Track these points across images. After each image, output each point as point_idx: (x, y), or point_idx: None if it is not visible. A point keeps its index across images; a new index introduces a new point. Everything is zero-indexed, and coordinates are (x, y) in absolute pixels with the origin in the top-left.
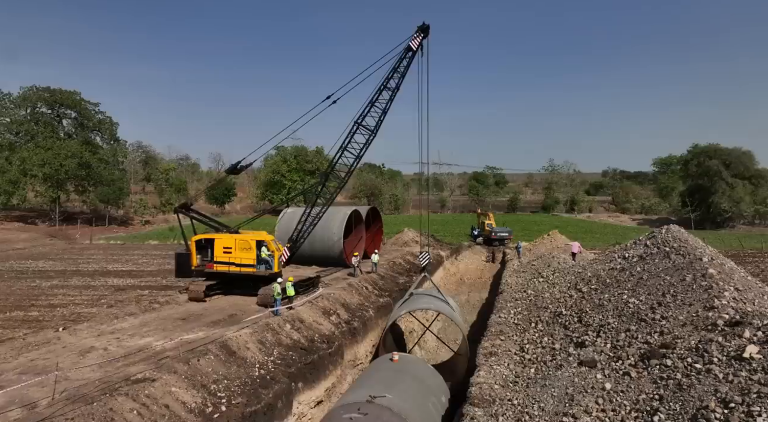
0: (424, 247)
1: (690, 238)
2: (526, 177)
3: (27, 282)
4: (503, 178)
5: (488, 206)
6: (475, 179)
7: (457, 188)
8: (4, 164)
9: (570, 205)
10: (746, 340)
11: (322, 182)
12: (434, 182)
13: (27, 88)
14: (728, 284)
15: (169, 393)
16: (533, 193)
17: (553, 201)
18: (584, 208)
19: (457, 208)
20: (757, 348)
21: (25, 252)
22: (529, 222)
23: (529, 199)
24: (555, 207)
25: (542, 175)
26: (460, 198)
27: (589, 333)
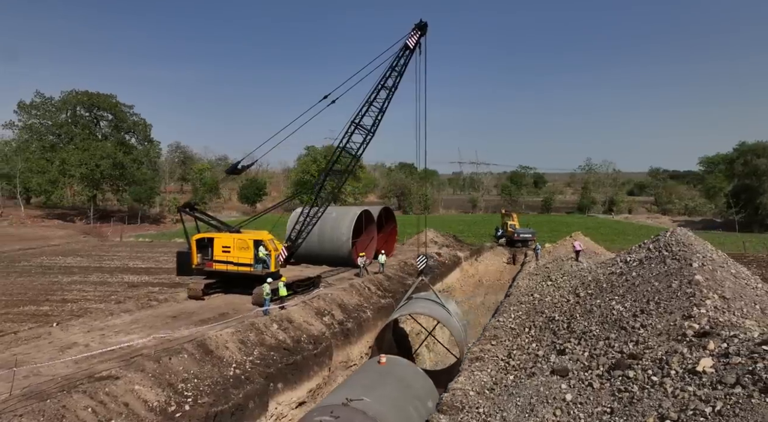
0: (421, 251)
1: (696, 242)
2: (568, 177)
3: (49, 277)
4: (542, 177)
5: (521, 206)
6: (511, 179)
7: (494, 188)
8: (45, 164)
9: (608, 206)
10: (709, 353)
11: (321, 182)
12: (470, 182)
13: (67, 92)
14: (713, 292)
15: (132, 391)
16: (573, 193)
17: (590, 201)
18: (623, 208)
19: (489, 209)
20: (711, 362)
21: (58, 249)
22: (559, 224)
23: (567, 199)
24: (591, 207)
25: (582, 174)
26: (494, 198)
27: (571, 340)
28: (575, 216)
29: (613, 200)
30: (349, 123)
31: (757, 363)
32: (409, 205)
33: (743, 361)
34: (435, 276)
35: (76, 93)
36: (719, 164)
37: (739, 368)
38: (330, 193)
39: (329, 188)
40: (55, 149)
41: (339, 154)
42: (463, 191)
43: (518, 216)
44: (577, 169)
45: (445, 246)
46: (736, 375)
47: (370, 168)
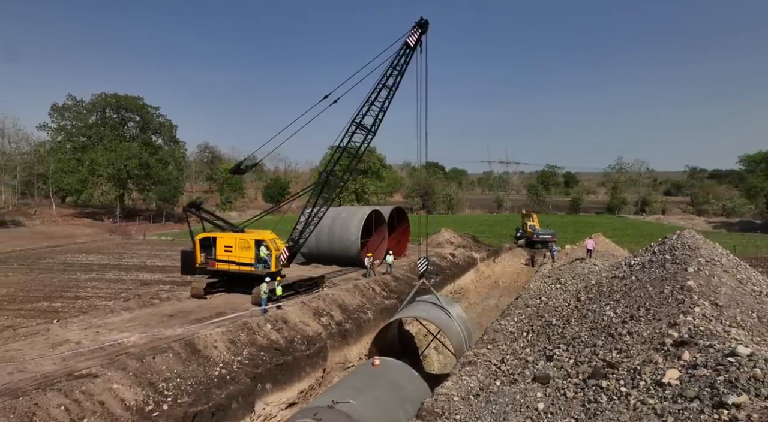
0: (422, 253)
1: (703, 245)
2: (602, 176)
3: (69, 274)
4: (573, 177)
5: (548, 207)
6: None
7: (523, 188)
8: (76, 165)
9: (640, 207)
10: (682, 363)
11: (323, 182)
12: (499, 182)
13: (97, 94)
14: (705, 298)
15: (110, 389)
16: (607, 193)
17: (620, 202)
18: (657, 209)
19: (516, 209)
20: (678, 374)
21: (83, 247)
22: (585, 224)
23: (599, 199)
24: (622, 208)
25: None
26: (522, 198)
27: (560, 346)
28: (604, 217)
29: (646, 200)
30: (350, 123)
31: (719, 376)
32: (433, 205)
33: (707, 374)
34: (446, 277)
35: (106, 95)
36: (761, 163)
37: (702, 381)
38: (332, 193)
39: (332, 188)
40: (85, 150)
41: (341, 154)
42: (492, 191)
43: (544, 216)
44: (606, 169)
45: (461, 246)
46: (698, 387)
47: (397, 167)
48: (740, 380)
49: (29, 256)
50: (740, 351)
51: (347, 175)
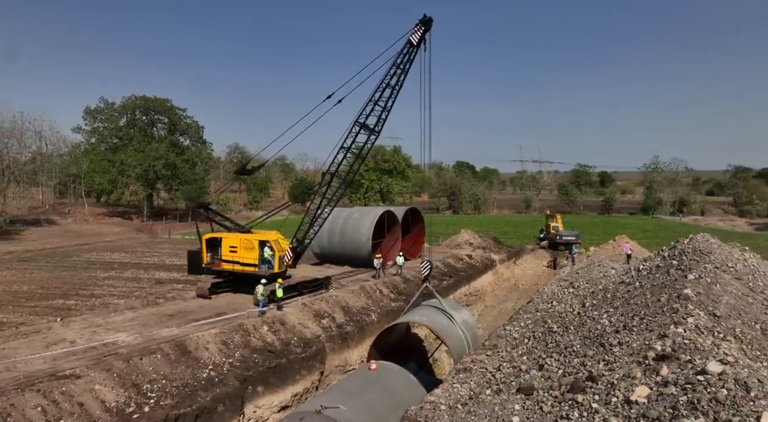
0: (425, 256)
1: (718, 250)
2: (640, 175)
3: (89, 272)
4: (609, 176)
5: (579, 207)
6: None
7: (556, 187)
8: (107, 165)
9: (678, 207)
10: (658, 379)
11: (327, 183)
12: (533, 181)
13: (127, 97)
14: (702, 308)
15: (91, 391)
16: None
17: (655, 202)
18: (695, 209)
19: (545, 209)
20: (648, 391)
21: (109, 245)
22: (616, 226)
23: (636, 199)
24: (657, 208)
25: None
26: (553, 198)
27: (553, 355)
28: (637, 218)
29: (684, 201)
30: (353, 123)
31: (683, 396)
32: (459, 205)
33: (675, 392)
34: (461, 279)
35: (135, 98)
36: None
37: (668, 400)
38: (336, 194)
39: (335, 188)
40: (116, 151)
41: (345, 155)
42: (523, 190)
43: (573, 217)
44: (641, 168)
45: (481, 248)
46: (662, 408)
47: (426, 167)
48: (702, 401)
49: (57, 254)
50: (711, 369)
51: (351, 176)
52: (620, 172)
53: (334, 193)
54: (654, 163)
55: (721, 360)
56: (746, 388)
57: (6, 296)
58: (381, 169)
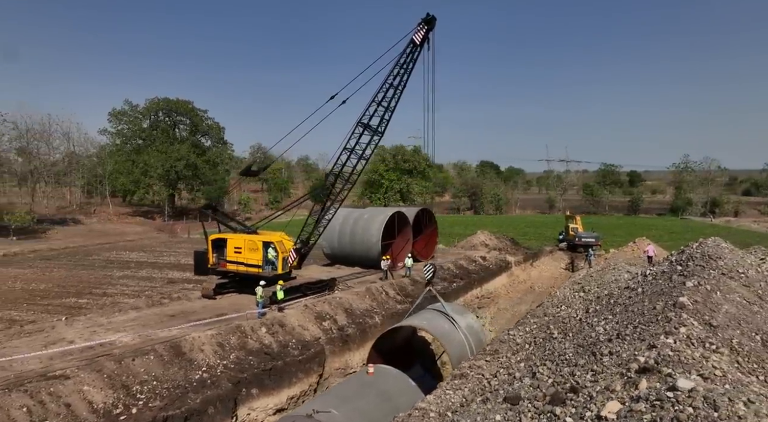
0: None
1: (729, 255)
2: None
3: (106, 271)
4: (638, 175)
5: (604, 207)
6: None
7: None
8: (130, 166)
9: (710, 207)
10: (634, 394)
11: (331, 184)
12: (558, 181)
13: (150, 99)
14: (698, 318)
15: (79, 391)
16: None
17: (685, 202)
18: (728, 210)
19: (570, 209)
20: (619, 407)
21: (129, 244)
22: (641, 227)
23: (667, 199)
24: (687, 209)
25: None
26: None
27: (546, 363)
28: (665, 219)
29: (716, 201)
30: (356, 123)
31: (647, 414)
32: (480, 205)
33: (643, 409)
34: (471, 281)
35: (158, 100)
36: None
37: (636, 417)
38: (339, 195)
39: (339, 189)
40: (140, 152)
41: (348, 156)
42: (549, 191)
43: (598, 217)
44: (670, 167)
45: (497, 249)
46: None
47: (450, 167)
48: (664, 420)
49: (79, 253)
50: (681, 386)
51: (355, 177)
52: (652, 172)
53: (338, 194)
54: (684, 162)
55: (702, 375)
56: (714, 407)
57: (23, 294)
58: (401, 169)
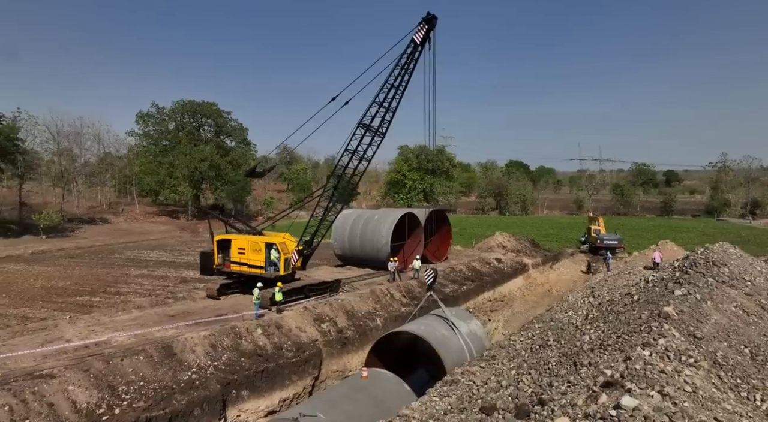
0: (422, 266)
1: (735, 262)
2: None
3: (124, 269)
4: (676, 175)
5: (636, 208)
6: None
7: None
8: (156, 167)
9: (750, 208)
10: (590, 410)
11: (333, 186)
12: (589, 181)
13: (176, 101)
14: (681, 329)
15: (64, 391)
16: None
17: (722, 203)
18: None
19: (598, 210)
20: None
21: (152, 243)
22: (671, 229)
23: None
24: (725, 210)
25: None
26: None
27: (531, 372)
28: (700, 221)
29: (757, 202)
30: (357, 125)
31: None
32: (506, 206)
33: None
34: (484, 284)
35: (183, 102)
36: None
37: None
38: (341, 196)
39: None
40: (166, 153)
41: (350, 157)
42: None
43: (628, 219)
44: (707, 167)
45: (515, 251)
46: None
47: (477, 166)
48: None
49: (103, 251)
50: (624, 404)
51: (357, 178)
52: (692, 171)
53: (340, 196)
54: (722, 161)
55: (662, 392)
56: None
57: (41, 291)
58: (424, 169)
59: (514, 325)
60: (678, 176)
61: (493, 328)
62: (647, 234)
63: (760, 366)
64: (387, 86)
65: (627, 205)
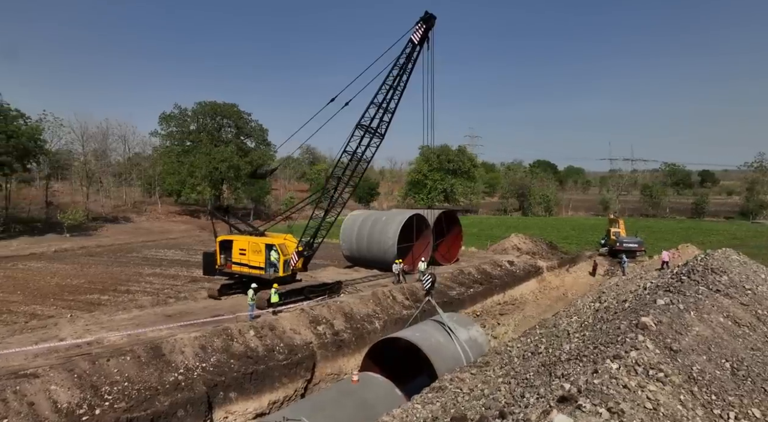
0: (427, 269)
1: (736, 269)
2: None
3: (138, 268)
4: (712, 175)
5: (665, 210)
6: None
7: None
8: (178, 167)
9: None
10: None
11: (333, 187)
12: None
13: (198, 103)
14: (657, 340)
15: (45, 391)
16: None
17: (757, 205)
18: None
19: (626, 211)
20: None
21: (171, 242)
22: (700, 231)
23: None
24: (761, 212)
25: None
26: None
27: (510, 382)
28: (732, 223)
29: None
30: (356, 126)
31: None
32: (529, 207)
33: None
34: (493, 287)
35: (204, 103)
36: None
37: None
38: (342, 198)
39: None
40: (188, 153)
41: (350, 159)
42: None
43: (655, 221)
44: (742, 166)
45: (530, 253)
46: None
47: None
48: None
49: (122, 250)
50: None
51: (357, 180)
52: (731, 171)
53: (339, 197)
54: (758, 161)
55: (610, 409)
56: None
57: (55, 289)
58: (445, 169)
59: (524, 330)
60: (714, 176)
61: (503, 332)
62: (672, 237)
63: (740, 382)
64: (385, 87)
65: (656, 206)
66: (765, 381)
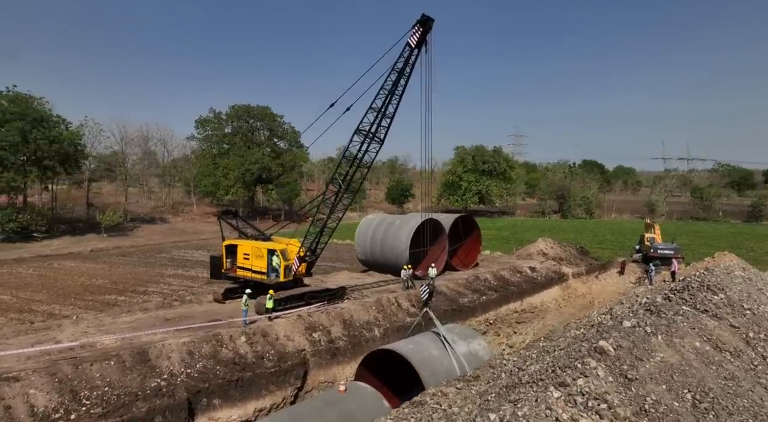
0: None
1: (738, 286)
2: None
3: (162, 269)
4: None
5: (717, 213)
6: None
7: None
8: (212, 169)
9: None
10: None
11: (334, 192)
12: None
13: (231, 106)
14: (612, 368)
15: (24, 395)
16: None
17: None
18: None
19: (674, 214)
20: None
21: (200, 243)
22: (751, 237)
23: None
24: None
25: None
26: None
27: (477, 401)
28: None
29: None
30: (354, 131)
31: None
32: (568, 208)
33: None
34: (510, 294)
35: (238, 106)
36: None
37: None
38: (339, 200)
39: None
40: (223, 156)
41: (351, 164)
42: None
43: (705, 225)
44: None
45: (557, 258)
46: None
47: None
48: None
49: (152, 250)
50: None
51: (357, 185)
52: None
53: (339, 202)
54: None
55: None
56: None
57: (77, 289)
58: (480, 171)
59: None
60: None
61: (519, 341)
62: (719, 243)
63: (700, 416)
64: (384, 91)
65: (707, 208)
66: (730, 416)
